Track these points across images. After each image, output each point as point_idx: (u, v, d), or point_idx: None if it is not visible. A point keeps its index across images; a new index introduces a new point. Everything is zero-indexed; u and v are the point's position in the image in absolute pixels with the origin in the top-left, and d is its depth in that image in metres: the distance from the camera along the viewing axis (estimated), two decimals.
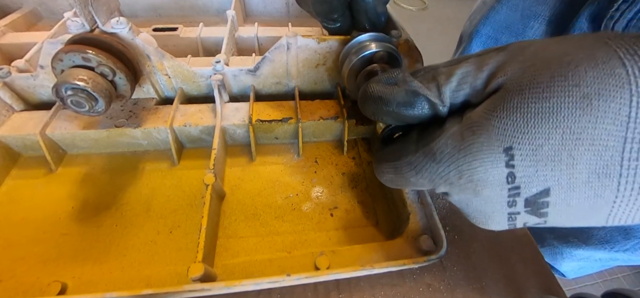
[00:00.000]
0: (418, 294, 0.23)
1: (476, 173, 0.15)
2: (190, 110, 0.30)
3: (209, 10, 0.44)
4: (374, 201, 0.28)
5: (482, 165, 0.15)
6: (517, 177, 0.14)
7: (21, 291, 0.21)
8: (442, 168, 0.16)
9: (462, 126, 0.15)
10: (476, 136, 0.15)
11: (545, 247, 0.49)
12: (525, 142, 0.13)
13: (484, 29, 0.47)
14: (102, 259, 0.23)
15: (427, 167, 0.17)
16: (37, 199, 0.26)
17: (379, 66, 0.25)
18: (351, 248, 0.23)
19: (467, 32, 0.51)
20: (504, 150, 0.14)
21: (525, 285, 0.24)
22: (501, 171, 0.14)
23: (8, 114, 0.28)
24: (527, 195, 0.14)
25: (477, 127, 0.15)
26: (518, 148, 0.14)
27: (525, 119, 0.13)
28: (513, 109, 0.14)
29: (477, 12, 0.50)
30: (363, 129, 0.32)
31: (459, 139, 0.15)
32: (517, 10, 0.43)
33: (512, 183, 0.14)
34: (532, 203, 0.14)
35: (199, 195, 0.27)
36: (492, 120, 0.14)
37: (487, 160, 0.14)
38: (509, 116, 0.14)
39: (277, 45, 0.28)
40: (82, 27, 0.24)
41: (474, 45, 0.48)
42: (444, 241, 0.22)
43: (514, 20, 0.43)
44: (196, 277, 0.19)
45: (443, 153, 0.16)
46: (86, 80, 0.22)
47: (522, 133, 0.13)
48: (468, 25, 0.52)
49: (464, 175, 0.15)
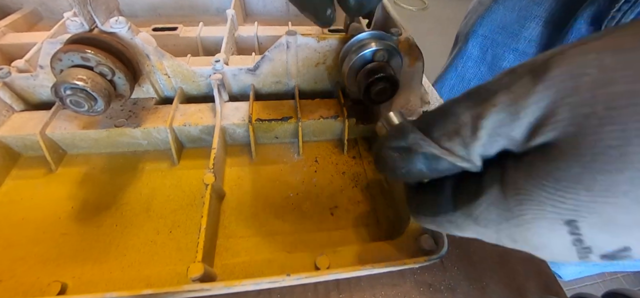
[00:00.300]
0: (419, 294, 0.23)
1: (533, 241, 0.13)
2: (190, 109, 0.30)
3: (208, 10, 0.44)
4: (375, 200, 0.27)
5: (539, 237, 0.12)
6: (586, 242, 0.12)
7: (21, 291, 0.21)
8: (490, 232, 0.14)
9: (505, 189, 0.12)
10: (526, 208, 0.12)
11: None
12: (594, 216, 0.11)
13: (480, 30, 0.46)
14: (102, 259, 0.23)
15: (471, 228, 0.14)
16: (37, 199, 0.26)
17: (380, 65, 0.25)
18: (351, 248, 0.23)
19: (464, 32, 0.50)
20: (566, 223, 0.11)
21: (525, 285, 0.24)
22: (565, 239, 0.12)
23: (8, 114, 0.28)
24: (601, 252, 0.12)
25: (526, 198, 0.12)
26: (584, 221, 0.11)
27: (591, 194, 0.10)
28: (573, 180, 0.11)
29: (472, 12, 0.49)
30: (363, 128, 0.32)
31: (504, 207, 0.12)
32: (513, 11, 0.42)
33: (581, 245, 0.12)
34: (610, 257, 0.12)
35: (199, 194, 0.27)
36: (545, 193, 0.11)
37: (544, 233, 0.12)
38: (568, 190, 0.11)
39: (276, 44, 0.28)
40: (81, 26, 0.24)
41: (470, 46, 0.48)
42: (444, 241, 0.22)
43: (510, 21, 0.43)
44: (196, 277, 0.19)
45: (487, 220, 0.13)
46: (85, 79, 0.22)
47: (588, 209, 0.11)
48: (464, 25, 0.51)
49: (518, 241, 0.13)
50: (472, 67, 0.49)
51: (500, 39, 0.44)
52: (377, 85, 0.25)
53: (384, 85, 0.25)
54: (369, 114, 0.32)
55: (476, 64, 0.48)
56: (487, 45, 0.46)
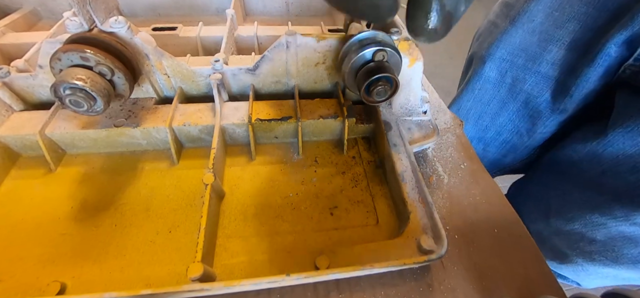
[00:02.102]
0: (418, 294, 0.23)
1: None
2: (189, 109, 0.30)
3: (208, 10, 0.44)
4: (374, 200, 0.27)
5: None
6: None
7: (21, 291, 0.21)
8: None
9: None
10: None
11: (567, 264, 0.47)
12: None
13: (498, 52, 0.45)
14: (101, 259, 0.23)
15: None
16: (36, 199, 0.26)
17: (380, 65, 0.25)
18: (351, 248, 0.23)
19: (478, 54, 0.48)
20: None
21: (525, 285, 0.24)
22: None
23: (7, 114, 0.28)
24: None
25: None
26: None
27: None
28: None
29: (486, 34, 0.48)
30: (363, 128, 0.32)
31: None
32: (534, 34, 0.41)
33: None
34: None
35: (199, 194, 0.27)
36: None
37: None
38: None
39: (276, 44, 0.28)
40: (80, 26, 0.24)
41: (487, 69, 0.47)
42: (444, 241, 0.22)
43: (530, 44, 0.42)
44: (195, 277, 0.19)
45: None
46: (84, 79, 0.22)
47: None
48: (477, 46, 0.50)
49: None
50: (491, 90, 0.48)
51: (521, 61, 0.43)
52: (377, 85, 0.25)
53: (384, 85, 0.25)
54: (369, 114, 0.32)
55: (495, 87, 0.47)
56: (505, 68, 0.45)
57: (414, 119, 0.32)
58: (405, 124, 0.32)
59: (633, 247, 0.38)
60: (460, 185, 0.30)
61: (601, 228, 0.39)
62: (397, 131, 0.29)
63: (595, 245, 0.41)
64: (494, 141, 0.52)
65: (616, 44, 0.34)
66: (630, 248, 0.38)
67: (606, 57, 0.35)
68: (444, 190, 0.29)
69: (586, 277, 0.48)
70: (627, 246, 0.38)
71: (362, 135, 0.33)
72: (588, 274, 0.46)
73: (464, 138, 0.35)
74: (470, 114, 0.52)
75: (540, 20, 0.40)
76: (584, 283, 0.53)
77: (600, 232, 0.39)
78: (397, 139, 0.29)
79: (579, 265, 0.45)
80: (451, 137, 0.35)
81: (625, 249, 0.39)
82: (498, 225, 0.27)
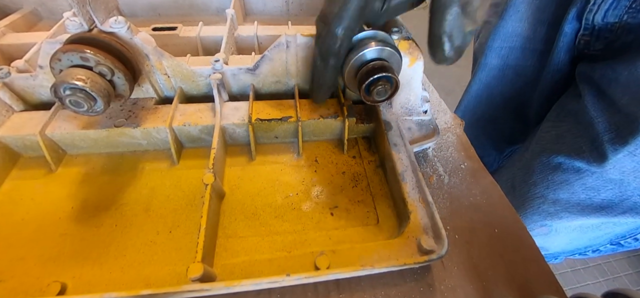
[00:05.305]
0: (419, 294, 0.23)
1: None
2: (189, 109, 0.30)
3: (208, 9, 0.44)
4: (375, 200, 0.27)
5: None
6: None
7: (21, 291, 0.21)
8: None
9: None
10: None
11: (534, 231, 0.48)
12: None
13: (496, 43, 0.50)
14: (101, 259, 0.23)
15: None
16: (37, 199, 0.26)
17: (380, 65, 0.25)
18: (351, 248, 0.23)
19: (479, 49, 0.54)
20: None
21: (525, 285, 0.23)
22: None
23: (8, 114, 0.28)
24: None
25: None
26: None
27: None
28: None
29: (483, 33, 0.53)
30: (363, 128, 0.32)
31: None
32: (523, 21, 0.46)
33: None
34: None
35: (199, 194, 0.27)
36: None
37: None
38: None
39: (276, 43, 0.28)
40: (80, 26, 0.24)
41: (489, 58, 0.52)
42: (445, 241, 0.22)
43: (523, 29, 0.46)
44: (195, 277, 0.19)
45: None
46: (84, 79, 0.22)
47: None
48: (477, 46, 0.56)
49: None
50: (497, 74, 0.53)
51: (518, 43, 0.48)
52: (377, 84, 0.25)
53: (384, 85, 0.25)
54: (369, 113, 0.32)
55: (501, 71, 0.52)
56: (506, 53, 0.50)
57: (415, 118, 0.32)
58: (406, 123, 0.32)
59: (596, 194, 0.39)
60: (460, 185, 0.30)
61: (564, 185, 0.41)
62: (397, 131, 0.29)
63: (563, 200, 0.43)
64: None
65: (574, 17, 0.38)
66: (594, 196, 0.40)
67: (569, 27, 0.39)
68: (445, 190, 0.29)
69: (556, 236, 0.48)
70: (591, 194, 0.39)
71: (362, 134, 0.33)
72: (558, 233, 0.47)
73: (464, 138, 0.35)
74: (479, 99, 0.58)
75: (524, 9, 0.45)
76: (552, 246, 0.53)
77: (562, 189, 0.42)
78: (398, 139, 0.29)
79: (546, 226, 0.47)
80: (451, 137, 0.35)
81: (591, 197, 0.40)
82: (498, 225, 0.27)
